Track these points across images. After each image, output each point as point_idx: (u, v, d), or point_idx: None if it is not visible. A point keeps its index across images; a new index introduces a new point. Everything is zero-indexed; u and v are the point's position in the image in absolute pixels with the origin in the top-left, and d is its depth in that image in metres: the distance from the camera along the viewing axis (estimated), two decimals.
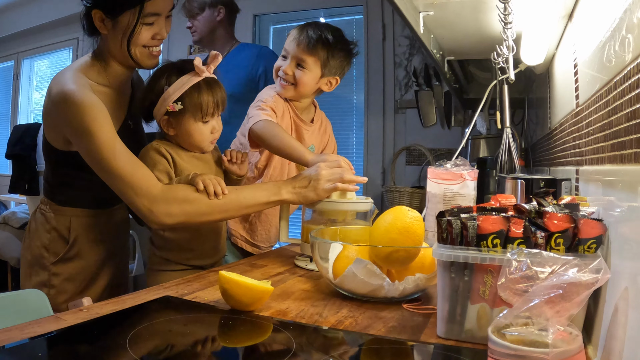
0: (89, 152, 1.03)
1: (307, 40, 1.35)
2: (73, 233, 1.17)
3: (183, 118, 1.13)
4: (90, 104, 1.01)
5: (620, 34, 0.63)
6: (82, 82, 1.05)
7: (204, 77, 1.13)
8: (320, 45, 1.35)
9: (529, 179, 1.04)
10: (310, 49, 1.35)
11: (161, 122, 1.15)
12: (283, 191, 1.13)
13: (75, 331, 0.70)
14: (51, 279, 1.15)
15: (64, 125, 1.05)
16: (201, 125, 1.14)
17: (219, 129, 1.18)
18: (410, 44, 2.98)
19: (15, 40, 4.62)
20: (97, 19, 1.07)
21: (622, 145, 0.60)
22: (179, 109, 1.11)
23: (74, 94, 1.01)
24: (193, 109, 1.12)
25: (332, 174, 1.13)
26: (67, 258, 1.17)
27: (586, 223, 0.63)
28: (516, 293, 0.54)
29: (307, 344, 0.70)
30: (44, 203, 1.20)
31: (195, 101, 1.11)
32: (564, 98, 1.20)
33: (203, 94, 1.12)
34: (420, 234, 0.89)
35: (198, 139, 1.15)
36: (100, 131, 1.00)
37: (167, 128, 1.16)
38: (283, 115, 1.42)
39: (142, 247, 2.77)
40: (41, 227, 1.17)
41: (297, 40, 1.35)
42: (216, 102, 1.13)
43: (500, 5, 1.04)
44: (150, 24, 1.08)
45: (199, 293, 0.91)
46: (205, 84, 1.13)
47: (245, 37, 3.43)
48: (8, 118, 4.75)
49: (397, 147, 3.00)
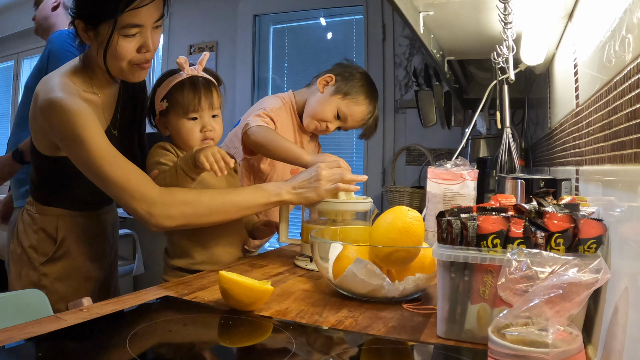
0: (81, 159, 1.01)
1: (368, 126, 1.46)
2: (60, 233, 1.16)
3: (170, 116, 1.16)
4: (79, 111, 0.99)
5: (620, 34, 0.63)
6: (69, 89, 1.03)
7: (189, 75, 1.15)
8: (372, 131, 1.49)
9: (529, 179, 1.04)
10: (363, 127, 1.47)
11: (158, 124, 1.19)
12: (283, 192, 1.12)
13: (75, 331, 0.70)
14: (41, 279, 1.14)
15: (53, 133, 1.03)
16: (186, 122, 1.15)
17: (212, 129, 1.17)
18: (410, 44, 2.98)
19: (15, 40, 4.62)
20: (80, 29, 1.04)
21: (622, 145, 0.60)
22: (165, 106, 1.15)
23: (62, 102, 0.99)
24: (176, 106, 1.14)
25: (333, 174, 1.13)
26: (55, 258, 1.16)
27: (586, 223, 0.63)
28: (516, 293, 0.54)
29: (307, 344, 0.70)
30: (30, 204, 1.19)
31: (177, 98, 1.14)
32: (564, 98, 1.20)
33: (185, 90, 1.13)
34: (420, 234, 0.89)
35: (185, 136, 1.16)
36: (91, 138, 0.99)
37: (162, 128, 1.19)
38: (286, 126, 1.42)
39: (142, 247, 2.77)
40: (28, 227, 1.17)
41: (362, 124, 1.44)
42: (198, 99, 1.13)
43: (500, 5, 1.04)
44: (132, 35, 1.01)
45: (199, 293, 0.91)
46: (188, 81, 1.14)
47: (245, 37, 3.44)
48: (8, 118, 4.75)
49: (397, 147, 3.00)
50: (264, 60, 3.46)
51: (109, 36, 1.00)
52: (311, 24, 3.39)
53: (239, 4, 3.46)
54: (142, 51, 1.04)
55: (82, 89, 1.08)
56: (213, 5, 3.52)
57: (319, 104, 1.40)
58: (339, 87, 1.40)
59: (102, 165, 0.99)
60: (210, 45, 3.57)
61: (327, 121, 1.40)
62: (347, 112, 1.39)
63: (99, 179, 1.01)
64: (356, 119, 1.40)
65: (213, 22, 3.54)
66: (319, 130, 1.42)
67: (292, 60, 3.38)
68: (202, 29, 3.55)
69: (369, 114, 1.42)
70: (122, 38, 1.01)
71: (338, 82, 1.41)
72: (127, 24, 1.00)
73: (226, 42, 3.51)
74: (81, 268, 1.20)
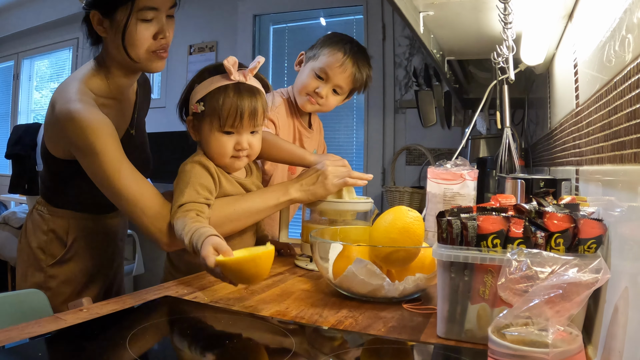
0: (95, 172, 0.99)
1: (355, 72, 1.35)
2: (71, 235, 1.16)
3: (203, 122, 1.02)
4: (95, 124, 0.98)
5: (620, 34, 0.63)
6: (86, 99, 1.01)
7: (236, 81, 1.01)
8: (364, 82, 1.39)
9: (529, 179, 1.04)
10: (354, 80, 1.36)
11: (188, 126, 1.07)
12: (291, 190, 1.11)
13: (75, 331, 0.70)
14: (47, 280, 1.14)
15: (68, 142, 1.02)
16: (220, 135, 1.01)
17: (249, 147, 1.04)
18: (410, 44, 2.98)
19: (15, 40, 4.63)
20: (95, 22, 1.04)
21: (622, 145, 0.60)
22: (200, 110, 1.01)
23: (80, 113, 0.98)
24: (212, 114, 1.00)
25: (340, 171, 1.13)
26: (63, 260, 1.15)
27: (586, 223, 0.63)
28: (516, 293, 0.54)
29: (307, 344, 0.70)
30: (40, 204, 1.18)
31: (215, 105, 0.99)
32: (564, 98, 1.20)
33: (227, 98, 0.99)
34: (420, 234, 0.89)
35: (216, 151, 1.02)
36: (107, 150, 0.97)
37: (193, 132, 1.06)
38: (287, 124, 1.41)
39: (142, 247, 2.77)
40: (38, 228, 1.16)
41: (344, 71, 1.34)
42: (240, 113, 0.98)
43: (500, 5, 1.04)
44: (148, 20, 1.01)
45: (199, 293, 0.91)
46: (234, 88, 1.00)
47: (245, 37, 3.44)
48: (8, 118, 4.75)
49: (397, 147, 3.00)
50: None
51: (126, 19, 0.99)
52: (311, 24, 3.40)
53: (239, 4, 3.46)
54: (158, 37, 1.03)
55: (99, 95, 1.07)
56: (213, 5, 3.53)
57: (298, 78, 1.41)
58: (307, 56, 1.41)
59: (115, 178, 0.98)
60: (210, 45, 3.57)
61: (313, 88, 1.36)
62: (322, 67, 1.34)
63: (112, 192, 0.99)
64: (334, 67, 1.33)
65: (213, 22, 3.54)
66: (315, 104, 1.37)
67: (292, 60, 3.37)
68: (202, 29, 3.55)
69: (344, 56, 1.33)
70: (139, 23, 1.01)
71: (306, 53, 1.42)
72: (144, 6, 0.99)
73: (226, 42, 3.51)
74: (88, 271, 1.19)
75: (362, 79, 1.37)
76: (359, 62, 1.35)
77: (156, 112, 1.70)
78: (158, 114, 2.49)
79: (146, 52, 1.04)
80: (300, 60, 1.44)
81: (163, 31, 1.03)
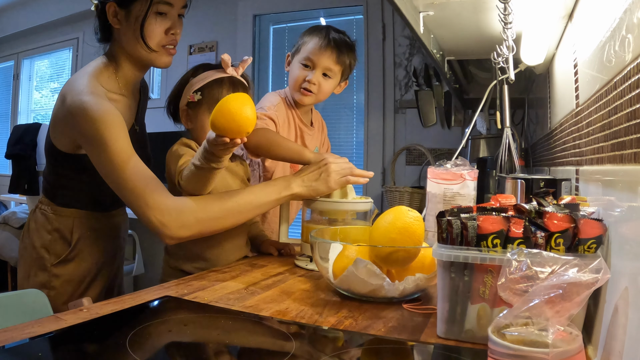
0: (102, 162, 1.01)
1: (337, 50, 1.35)
2: (75, 234, 1.16)
3: (199, 110, 1.13)
4: (107, 115, 1.00)
5: (620, 34, 0.63)
6: (97, 92, 1.04)
7: (230, 75, 1.13)
8: (346, 53, 1.38)
9: (529, 179, 1.04)
10: (339, 58, 1.36)
11: (182, 115, 1.16)
12: (293, 185, 1.12)
13: (75, 331, 0.70)
14: (51, 280, 1.14)
15: (79, 135, 1.04)
16: None
17: None
18: (410, 44, 2.98)
19: (15, 40, 4.62)
20: (110, 14, 1.07)
21: (622, 145, 0.60)
22: (197, 99, 1.11)
23: (92, 105, 1.00)
24: (209, 102, 1.10)
25: (342, 168, 1.14)
26: (68, 259, 1.16)
27: (586, 223, 0.63)
28: (516, 293, 0.54)
29: (307, 344, 0.70)
30: (43, 203, 1.19)
31: (213, 94, 1.10)
32: (564, 98, 1.20)
33: (223, 89, 1.11)
34: (420, 234, 0.89)
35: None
36: (116, 141, 0.99)
37: (186, 121, 1.16)
38: (287, 122, 1.41)
39: (142, 247, 2.77)
40: (41, 227, 1.16)
41: (325, 50, 1.35)
42: None
43: (500, 5, 1.04)
44: (162, 13, 1.08)
45: (199, 293, 0.91)
46: (229, 81, 1.12)
47: (245, 37, 3.44)
48: (8, 118, 4.75)
49: (397, 147, 3.00)
50: (264, 60, 3.46)
51: (147, 9, 1.05)
52: (311, 24, 3.39)
53: (239, 4, 3.46)
54: (169, 33, 1.10)
55: (109, 90, 1.10)
56: (213, 5, 3.52)
57: (290, 76, 1.43)
58: (292, 54, 1.44)
59: (123, 170, 0.99)
60: (210, 45, 3.57)
61: (303, 78, 1.37)
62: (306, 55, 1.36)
63: (117, 184, 1.00)
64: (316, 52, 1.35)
65: (213, 22, 3.54)
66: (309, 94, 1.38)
67: None
68: (202, 29, 3.55)
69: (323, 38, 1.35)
70: (154, 16, 1.07)
71: (291, 52, 1.45)
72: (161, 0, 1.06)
73: (226, 42, 3.51)
74: (91, 270, 1.19)
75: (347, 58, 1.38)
76: (338, 42, 1.36)
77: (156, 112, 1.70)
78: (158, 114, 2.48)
79: (157, 45, 1.10)
80: (288, 62, 1.45)
81: (174, 27, 1.10)
